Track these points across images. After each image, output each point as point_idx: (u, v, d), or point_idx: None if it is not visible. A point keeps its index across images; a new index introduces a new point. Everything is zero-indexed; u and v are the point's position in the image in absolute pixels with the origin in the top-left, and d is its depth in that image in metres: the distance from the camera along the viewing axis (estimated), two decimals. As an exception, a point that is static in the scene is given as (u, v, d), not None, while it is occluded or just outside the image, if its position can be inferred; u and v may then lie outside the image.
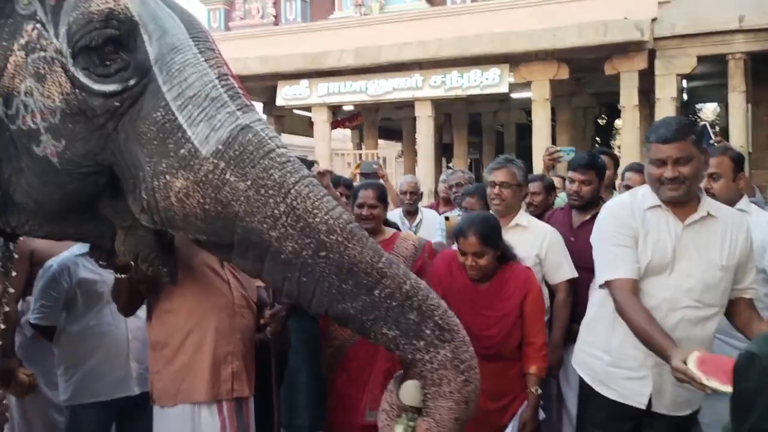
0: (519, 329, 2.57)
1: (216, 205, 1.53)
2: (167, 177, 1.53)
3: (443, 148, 17.43)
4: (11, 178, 1.64)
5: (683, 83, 11.72)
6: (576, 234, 3.19)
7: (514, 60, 10.65)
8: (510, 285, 2.61)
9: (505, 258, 2.68)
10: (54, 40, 1.54)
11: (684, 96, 13.00)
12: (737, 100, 9.81)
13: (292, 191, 1.53)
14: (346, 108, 13.62)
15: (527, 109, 12.98)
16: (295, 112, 14.07)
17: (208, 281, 2.30)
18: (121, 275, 2.22)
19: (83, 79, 1.54)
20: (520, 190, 3.08)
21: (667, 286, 2.15)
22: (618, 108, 10.79)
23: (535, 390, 2.52)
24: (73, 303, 2.73)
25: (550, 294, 3.06)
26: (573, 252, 3.07)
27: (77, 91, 1.54)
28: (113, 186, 1.68)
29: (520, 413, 2.53)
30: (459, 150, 15.50)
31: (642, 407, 2.23)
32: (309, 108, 12.85)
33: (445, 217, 3.99)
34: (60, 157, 1.58)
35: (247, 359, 2.38)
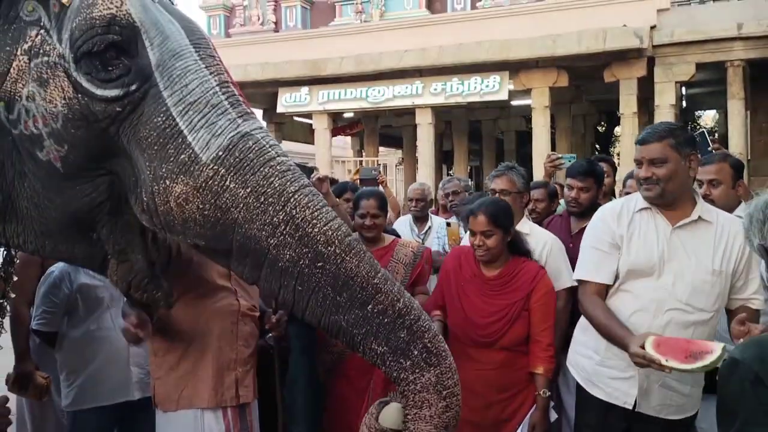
0: (525, 322, 2.57)
1: (215, 211, 1.54)
2: (167, 182, 1.54)
3: (443, 155, 17.49)
4: (15, 182, 1.65)
5: (682, 90, 11.77)
6: (574, 240, 3.19)
7: (513, 67, 10.69)
8: (519, 278, 2.62)
9: (519, 252, 2.69)
10: (57, 45, 1.56)
11: (683, 103, 13.05)
12: (736, 107, 9.85)
13: (291, 200, 1.53)
14: (346, 115, 13.67)
15: (527, 116, 13.02)
16: (296, 119, 14.11)
17: (214, 290, 2.30)
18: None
19: (85, 84, 1.55)
20: (521, 197, 3.09)
21: (655, 288, 2.16)
22: (617, 115, 10.83)
23: (543, 393, 2.52)
24: (74, 308, 2.73)
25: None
26: (571, 258, 3.08)
27: (79, 96, 1.55)
28: (114, 200, 1.69)
29: (529, 415, 2.52)
30: (459, 157, 15.55)
31: (629, 407, 2.23)
32: (309, 115, 12.88)
33: (447, 224, 3.99)
34: (63, 162, 1.58)
35: (250, 365, 2.38)
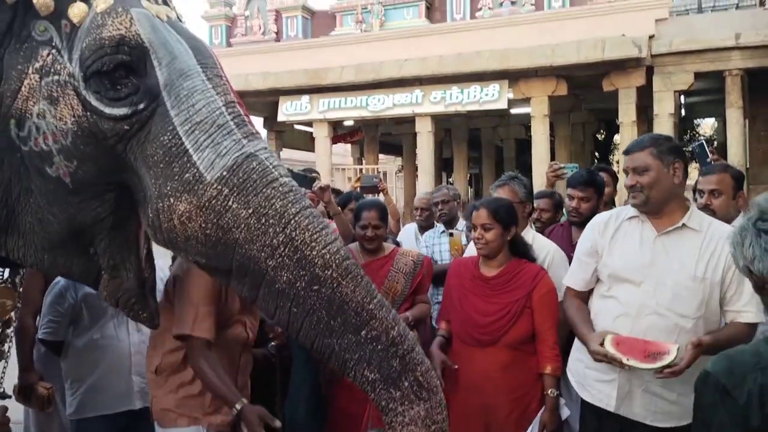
0: (528, 320, 2.59)
1: (217, 231, 1.56)
2: (171, 200, 1.56)
3: (443, 162, 17.52)
4: (20, 197, 1.68)
5: (681, 99, 11.82)
6: (575, 250, 3.22)
7: (513, 76, 10.73)
8: (519, 277, 2.65)
9: (522, 255, 2.73)
10: (68, 64, 1.59)
11: (682, 112, 13.10)
12: (734, 115, 9.88)
13: (292, 222, 1.55)
14: (346, 123, 13.71)
15: (526, 125, 13.05)
16: (296, 127, 14.14)
17: (232, 319, 2.31)
18: None
19: (94, 103, 1.58)
20: (523, 207, 3.11)
21: (637, 293, 2.20)
22: (616, 123, 10.86)
23: (552, 393, 2.54)
24: (79, 317, 2.75)
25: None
26: (572, 267, 3.10)
27: (88, 114, 1.59)
28: (117, 214, 1.72)
29: (539, 415, 2.54)
30: (459, 165, 15.57)
31: (610, 409, 2.27)
32: (310, 123, 12.92)
33: (449, 234, 4.00)
34: (72, 177, 1.62)
35: (245, 394, 2.38)
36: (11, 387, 2.65)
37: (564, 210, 4.13)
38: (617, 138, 14.84)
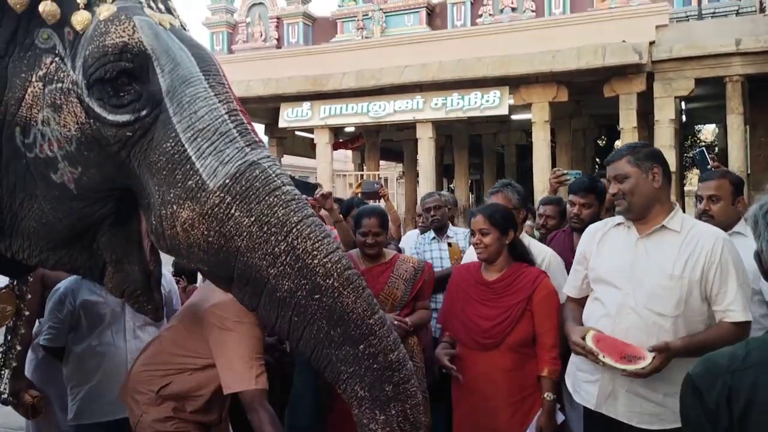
0: (529, 323, 2.61)
1: (219, 239, 1.56)
2: (174, 207, 1.57)
3: (444, 168, 17.53)
4: (23, 203, 1.69)
5: (682, 105, 11.84)
6: (575, 257, 3.23)
7: (514, 82, 10.76)
8: (520, 280, 2.68)
9: (523, 259, 2.76)
10: (71, 72, 1.60)
11: (683, 117, 13.11)
12: (735, 121, 9.90)
13: (293, 230, 1.55)
14: (347, 129, 13.73)
15: (527, 131, 13.08)
16: (297, 133, 14.18)
17: None
18: None
19: (97, 110, 1.59)
20: (517, 213, 3.13)
21: (618, 294, 2.24)
22: (617, 129, 10.88)
23: (548, 396, 2.55)
24: (78, 324, 2.76)
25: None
26: (573, 273, 3.11)
27: (91, 121, 1.59)
28: (118, 214, 1.73)
29: (536, 419, 2.55)
30: (460, 171, 15.58)
31: (591, 407, 2.30)
32: (311, 129, 12.95)
33: (448, 244, 4.00)
34: (77, 183, 1.62)
35: (227, 423, 2.36)
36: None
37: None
38: (618, 144, 14.86)
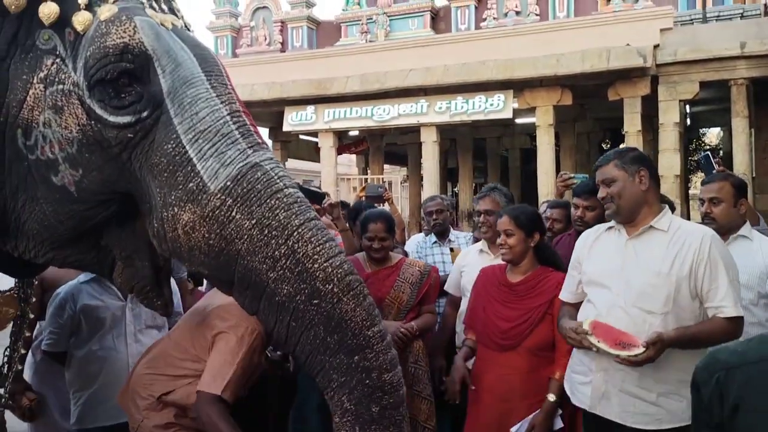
0: (549, 326, 2.59)
1: (220, 241, 1.54)
2: (175, 209, 1.56)
3: (448, 172, 17.48)
4: (25, 206, 1.69)
5: (686, 108, 11.79)
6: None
7: (518, 86, 10.73)
8: (543, 284, 2.68)
9: (549, 263, 2.75)
10: (72, 73, 1.59)
11: (687, 121, 13.06)
12: (740, 125, 9.84)
13: (294, 234, 1.53)
14: (351, 133, 13.72)
15: (531, 134, 13.05)
16: (301, 137, 14.17)
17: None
18: None
19: (98, 111, 1.58)
20: None
21: (609, 294, 2.26)
22: (622, 133, 10.84)
23: (551, 397, 2.52)
24: (79, 328, 2.76)
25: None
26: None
27: (93, 123, 1.59)
28: (122, 214, 1.72)
29: (532, 416, 2.52)
30: (464, 174, 15.55)
31: (590, 410, 2.29)
32: (315, 133, 12.94)
33: (450, 249, 3.98)
34: (77, 186, 1.62)
35: None
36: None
37: None
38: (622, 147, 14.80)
